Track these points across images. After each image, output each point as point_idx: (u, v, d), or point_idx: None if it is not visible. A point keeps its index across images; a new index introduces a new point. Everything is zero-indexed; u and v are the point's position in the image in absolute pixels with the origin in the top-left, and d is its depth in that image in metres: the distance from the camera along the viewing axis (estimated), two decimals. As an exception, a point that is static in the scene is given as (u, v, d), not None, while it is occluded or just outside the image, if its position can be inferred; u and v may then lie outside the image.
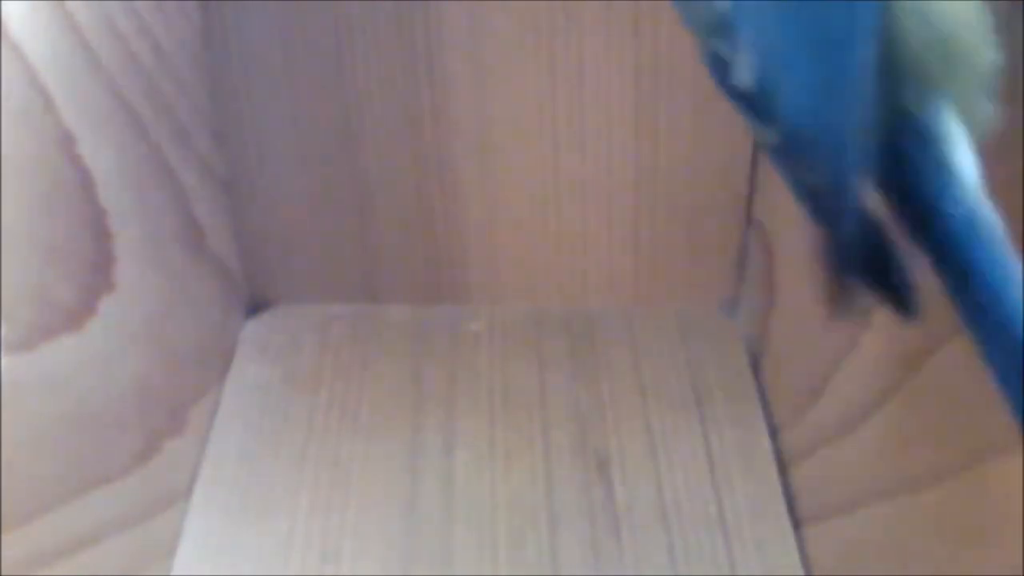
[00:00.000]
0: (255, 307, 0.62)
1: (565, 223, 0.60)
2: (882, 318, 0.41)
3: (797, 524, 0.50)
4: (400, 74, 0.55)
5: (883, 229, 0.32)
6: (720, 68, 0.33)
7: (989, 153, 0.33)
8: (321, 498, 0.52)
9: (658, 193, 0.58)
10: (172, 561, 0.49)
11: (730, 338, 0.60)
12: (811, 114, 0.31)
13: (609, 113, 0.56)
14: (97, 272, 0.42)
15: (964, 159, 0.29)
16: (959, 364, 0.35)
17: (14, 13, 0.36)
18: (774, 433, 0.54)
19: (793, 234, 0.52)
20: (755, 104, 0.32)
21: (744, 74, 0.32)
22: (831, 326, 0.46)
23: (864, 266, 0.32)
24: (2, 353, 0.34)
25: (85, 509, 0.40)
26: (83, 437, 0.40)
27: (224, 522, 0.51)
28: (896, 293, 0.32)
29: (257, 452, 0.54)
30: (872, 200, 0.31)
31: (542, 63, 0.55)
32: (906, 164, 0.30)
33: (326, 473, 0.53)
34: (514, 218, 0.59)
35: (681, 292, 0.62)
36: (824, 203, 0.32)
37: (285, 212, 0.59)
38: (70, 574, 0.39)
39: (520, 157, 0.58)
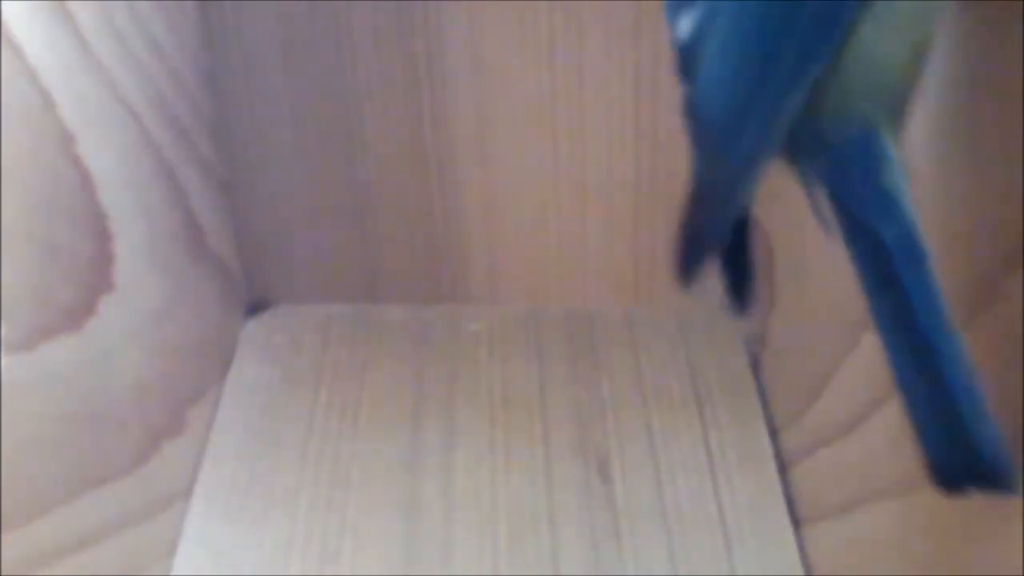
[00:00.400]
0: (255, 307, 0.62)
1: (565, 223, 0.60)
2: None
3: (797, 524, 0.50)
4: (400, 74, 0.55)
5: (747, 228, 0.35)
6: (672, 14, 0.33)
7: (991, 154, 0.33)
8: (321, 498, 0.52)
9: (658, 193, 0.58)
10: (172, 561, 0.49)
11: (730, 338, 0.60)
12: (722, 98, 0.31)
13: (609, 113, 0.56)
14: (97, 272, 0.42)
15: (901, 183, 0.30)
16: (959, 364, 0.35)
17: (14, 13, 0.36)
18: (774, 433, 0.54)
19: (793, 234, 0.52)
20: (683, 58, 0.32)
21: (684, 27, 0.32)
22: (831, 326, 0.46)
23: (721, 255, 0.35)
24: (2, 353, 0.34)
25: (85, 509, 0.40)
26: (83, 437, 0.40)
27: (224, 522, 0.51)
28: (737, 285, 0.35)
29: (257, 452, 0.54)
30: (751, 200, 0.33)
31: (542, 63, 0.55)
32: (844, 180, 0.30)
33: (326, 473, 0.53)
34: (514, 218, 0.59)
35: (681, 292, 0.62)
36: (707, 185, 0.33)
37: (285, 212, 0.59)
38: (70, 574, 0.39)
39: (520, 157, 0.58)
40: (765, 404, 0.56)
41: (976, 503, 0.33)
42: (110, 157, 0.43)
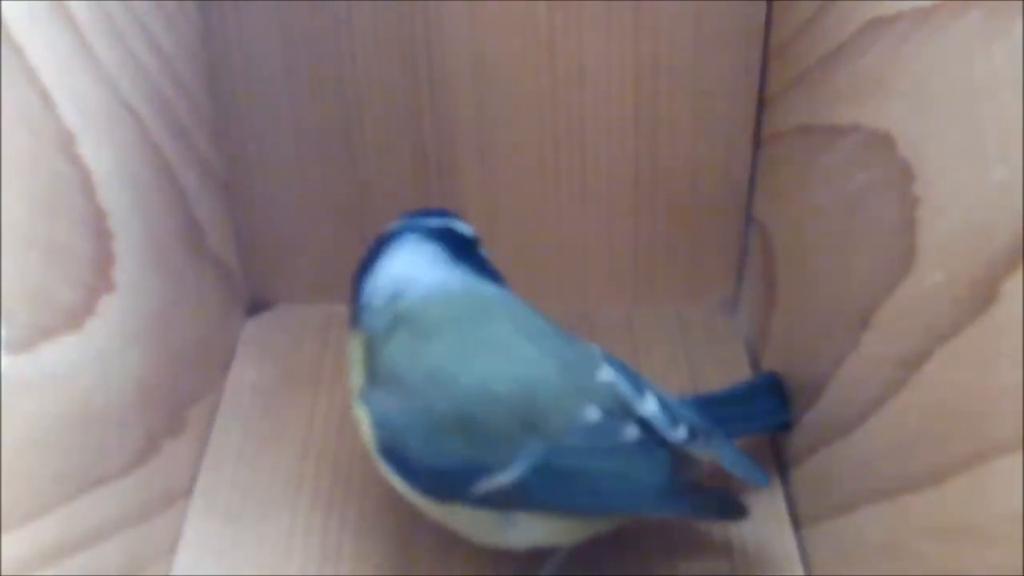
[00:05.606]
0: (255, 307, 0.62)
1: (565, 223, 0.60)
2: (881, 318, 0.41)
3: (797, 524, 0.50)
4: (400, 74, 0.55)
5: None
6: None
7: (990, 154, 0.33)
8: (321, 498, 0.52)
9: (658, 193, 0.58)
10: (172, 561, 0.49)
11: (730, 338, 0.60)
12: None
13: (609, 113, 0.56)
14: (97, 272, 0.42)
15: None
16: (959, 364, 0.35)
17: (14, 13, 0.36)
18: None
19: (793, 234, 0.52)
20: None
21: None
22: (831, 326, 0.46)
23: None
24: (2, 353, 0.34)
25: (85, 509, 0.40)
26: (83, 437, 0.40)
27: (224, 522, 0.51)
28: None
29: (257, 452, 0.54)
30: None
31: (542, 63, 0.55)
32: None
33: (326, 473, 0.53)
34: (514, 218, 0.59)
35: (681, 292, 0.62)
36: None
37: (285, 212, 0.59)
38: (70, 574, 0.39)
39: (520, 157, 0.58)
40: (765, 404, 0.56)
41: (974, 503, 0.33)
42: (110, 157, 0.43)
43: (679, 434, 0.44)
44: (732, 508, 0.45)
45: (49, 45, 0.38)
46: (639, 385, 0.45)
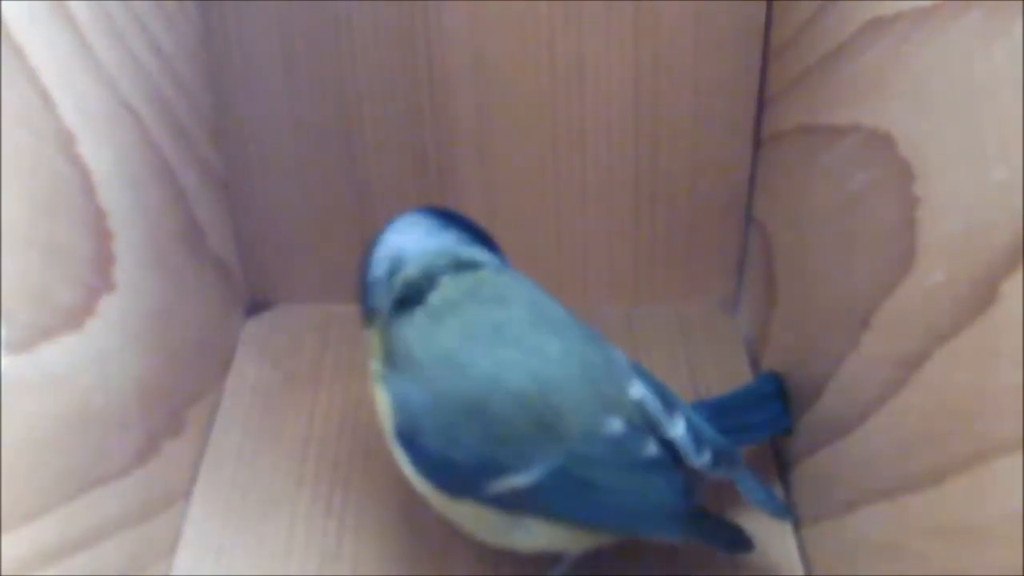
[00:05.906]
0: (255, 307, 0.62)
1: (565, 223, 0.60)
2: (881, 318, 0.41)
3: (797, 524, 0.50)
4: (400, 74, 0.55)
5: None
6: None
7: (990, 154, 0.33)
8: (321, 498, 0.52)
9: (658, 193, 0.58)
10: (172, 561, 0.49)
11: (730, 338, 0.60)
12: None
13: (609, 113, 0.56)
14: (97, 272, 0.42)
15: None
16: (959, 364, 0.35)
17: (14, 13, 0.36)
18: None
19: (793, 234, 0.52)
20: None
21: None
22: (831, 326, 0.46)
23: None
24: (2, 353, 0.34)
25: (85, 509, 0.40)
26: (83, 437, 0.40)
27: (224, 522, 0.51)
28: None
29: (257, 452, 0.54)
30: None
31: (542, 63, 0.55)
32: None
33: (326, 473, 0.53)
34: (514, 218, 0.59)
35: (681, 292, 0.62)
36: None
37: (285, 212, 0.59)
38: (70, 574, 0.39)
39: (520, 157, 0.58)
40: (765, 404, 0.56)
41: (974, 503, 0.33)
42: (110, 157, 0.43)
43: (703, 459, 0.43)
44: (741, 542, 0.45)
45: (49, 45, 0.38)
46: (670, 405, 0.44)
